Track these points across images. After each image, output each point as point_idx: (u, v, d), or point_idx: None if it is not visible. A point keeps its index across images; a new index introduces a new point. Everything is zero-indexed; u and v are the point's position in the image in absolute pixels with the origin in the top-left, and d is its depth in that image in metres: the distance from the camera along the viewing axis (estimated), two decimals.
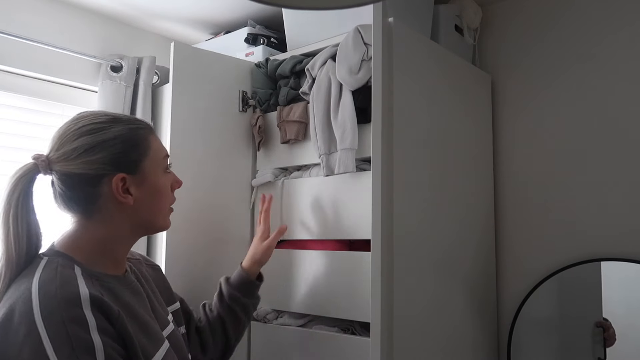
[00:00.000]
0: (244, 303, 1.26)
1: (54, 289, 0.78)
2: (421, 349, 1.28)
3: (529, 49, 1.65)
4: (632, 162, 1.45)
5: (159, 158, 0.97)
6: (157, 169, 0.97)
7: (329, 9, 0.56)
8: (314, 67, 1.41)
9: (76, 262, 0.87)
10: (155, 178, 0.96)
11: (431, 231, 1.35)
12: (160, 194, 0.97)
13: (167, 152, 1.01)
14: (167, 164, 1.00)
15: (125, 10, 1.80)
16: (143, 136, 0.95)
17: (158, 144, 0.99)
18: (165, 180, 0.99)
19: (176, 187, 1.02)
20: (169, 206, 1.01)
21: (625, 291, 1.41)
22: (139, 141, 0.93)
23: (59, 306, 0.76)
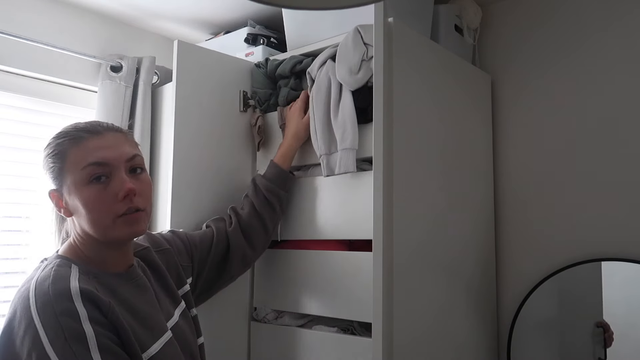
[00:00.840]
0: (280, 195, 1.36)
1: (47, 285, 0.84)
2: (421, 349, 1.28)
3: (529, 49, 1.65)
4: (632, 162, 1.45)
5: (77, 170, 0.92)
6: (78, 180, 0.92)
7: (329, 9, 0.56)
8: (313, 68, 1.41)
9: (74, 262, 0.92)
10: (78, 190, 0.92)
11: (431, 231, 1.35)
12: (86, 205, 0.91)
13: (95, 160, 0.92)
14: (91, 175, 0.92)
15: (125, 10, 1.80)
16: (63, 149, 0.94)
17: (78, 154, 0.93)
18: (89, 191, 0.91)
19: (121, 194, 0.92)
20: (111, 216, 0.92)
21: (625, 291, 1.41)
22: (58, 154, 0.95)
23: (51, 301, 0.82)
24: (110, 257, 0.97)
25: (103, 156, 0.93)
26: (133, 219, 0.94)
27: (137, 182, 0.96)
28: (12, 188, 1.63)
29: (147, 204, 0.97)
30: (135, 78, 1.79)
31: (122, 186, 0.92)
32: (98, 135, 0.95)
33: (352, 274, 1.30)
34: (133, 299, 0.94)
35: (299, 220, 1.44)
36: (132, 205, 0.93)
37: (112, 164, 0.93)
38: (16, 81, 1.64)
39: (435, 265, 1.35)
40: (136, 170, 0.98)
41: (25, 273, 1.65)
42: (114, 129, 0.99)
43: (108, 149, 0.94)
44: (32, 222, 1.67)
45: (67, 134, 0.95)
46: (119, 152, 0.95)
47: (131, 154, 0.96)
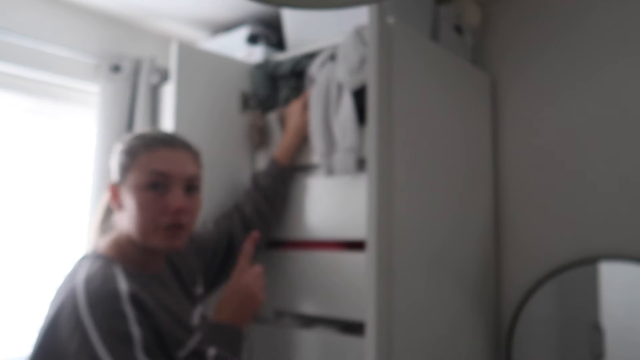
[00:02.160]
0: (280, 192, 1.39)
1: (96, 286, 0.88)
2: (420, 350, 1.28)
3: (529, 49, 1.65)
4: (632, 162, 1.45)
5: (142, 172, 0.98)
6: (139, 182, 0.97)
7: (329, 9, 0.56)
8: (314, 69, 1.41)
9: (116, 263, 0.96)
10: (136, 191, 0.97)
11: (431, 232, 1.35)
12: (138, 208, 0.97)
13: (160, 169, 0.98)
14: (151, 182, 0.97)
15: (125, 10, 1.80)
16: (135, 150, 1.00)
17: (147, 159, 0.98)
18: (145, 195, 0.97)
19: (172, 209, 0.97)
20: (155, 224, 0.97)
21: (625, 291, 1.41)
22: (129, 154, 1.00)
23: (101, 301, 0.86)
24: (147, 259, 1.02)
25: (168, 168, 0.98)
26: (174, 234, 0.99)
27: (190, 201, 1.01)
28: (12, 188, 1.63)
29: (191, 222, 1.02)
30: (135, 78, 1.79)
31: (175, 201, 0.97)
32: (171, 148, 1.01)
33: (352, 274, 1.30)
34: (167, 301, 1.00)
35: (298, 221, 1.44)
36: (177, 221, 0.98)
37: (173, 177, 0.99)
38: (16, 81, 1.64)
39: (435, 266, 1.35)
40: (192, 190, 1.03)
41: (23, 274, 1.65)
42: (186, 147, 1.04)
43: (174, 163, 1.00)
44: (32, 222, 1.67)
45: (143, 138, 1.01)
46: (183, 169, 1.00)
47: (192, 174, 1.02)
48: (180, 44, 1.41)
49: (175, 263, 1.14)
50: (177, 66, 1.39)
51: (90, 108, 1.79)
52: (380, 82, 1.20)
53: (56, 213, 1.73)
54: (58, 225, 1.73)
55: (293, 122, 1.40)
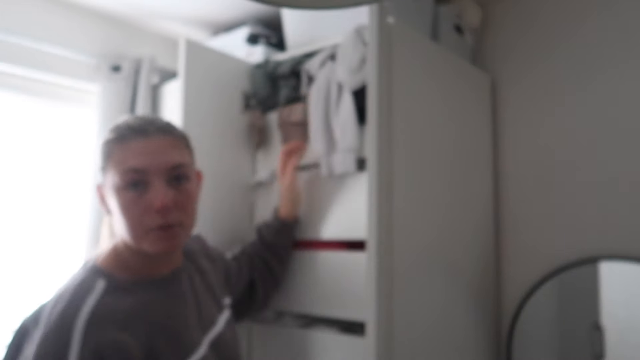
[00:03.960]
0: (285, 247, 1.34)
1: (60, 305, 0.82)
2: (420, 350, 1.28)
3: (529, 49, 1.65)
4: (632, 162, 1.45)
5: (117, 172, 0.86)
6: (117, 182, 0.86)
7: (329, 9, 0.56)
8: (312, 67, 1.41)
9: (104, 276, 0.87)
10: (116, 193, 0.87)
11: (431, 232, 1.35)
12: (121, 211, 0.86)
13: (133, 166, 0.86)
14: (127, 181, 0.86)
15: (126, 10, 1.80)
16: (109, 146, 0.89)
17: (120, 156, 0.86)
18: (125, 197, 0.86)
19: (155, 208, 0.85)
20: (144, 228, 0.86)
21: (625, 291, 1.41)
22: (104, 151, 0.90)
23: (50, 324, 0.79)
24: (150, 263, 0.92)
25: (142, 163, 0.85)
26: (166, 235, 0.87)
27: (177, 194, 0.88)
28: (12, 188, 1.63)
29: (185, 217, 0.89)
30: (135, 78, 1.79)
31: (157, 199, 0.85)
32: (144, 137, 0.87)
33: (353, 274, 1.30)
34: (165, 314, 0.89)
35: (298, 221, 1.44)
36: (165, 221, 0.86)
37: (150, 171, 0.86)
38: (16, 81, 1.64)
39: (435, 265, 1.35)
40: (179, 180, 0.89)
41: (24, 273, 1.65)
42: (163, 131, 0.90)
43: (149, 155, 0.86)
44: (32, 222, 1.67)
45: (116, 130, 0.89)
46: (161, 159, 0.87)
47: (174, 163, 0.88)
48: (187, 40, 1.41)
49: (202, 266, 1.06)
50: (184, 63, 1.39)
51: (90, 108, 1.79)
52: (380, 82, 1.20)
53: (55, 213, 1.73)
54: (57, 225, 1.73)
55: (282, 181, 1.36)
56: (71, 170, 1.76)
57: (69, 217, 1.75)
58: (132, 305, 0.85)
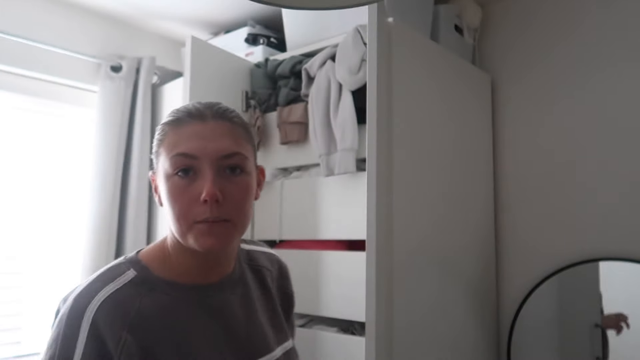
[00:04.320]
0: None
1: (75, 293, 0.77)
2: (420, 349, 1.28)
3: (529, 49, 1.65)
4: (632, 162, 1.45)
5: (168, 156, 0.78)
6: (167, 168, 0.78)
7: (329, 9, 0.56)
8: (312, 67, 1.41)
9: (136, 267, 0.80)
10: (165, 179, 0.79)
11: (431, 231, 1.35)
12: (168, 200, 0.78)
13: (183, 151, 0.78)
14: (177, 167, 0.78)
15: (125, 10, 1.80)
16: (164, 130, 0.81)
17: (173, 139, 0.79)
18: (173, 184, 0.78)
19: (202, 198, 0.76)
20: (189, 219, 0.77)
21: (624, 291, 1.41)
22: (160, 135, 0.82)
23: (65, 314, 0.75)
24: (197, 265, 0.82)
25: (193, 147, 0.77)
26: (211, 229, 0.77)
27: (229, 185, 0.78)
28: (12, 187, 1.62)
29: (236, 214, 0.79)
30: (135, 78, 1.79)
31: (204, 188, 0.76)
32: (200, 121, 0.80)
33: (352, 274, 1.30)
34: (190, 327, 0.78)
35: (298, 220, 1.44)
36: (212, 214, 0.76)
37: (201, 158, 0.77)
38: (16, 81, 1.64)
39: (435, 265, 1.35)
40: (235, 171, 0.79)
41: (24, 274, 1.65)
42: (221, 117, 0.82)
43: (203, 139, 0.78)
44: (32, 221, 1.67)
45: (174, 114, 0.82)
46: (215, 145, 0.78)
47: (229, 151, 0.79)
48: (193, 37, 1.41)
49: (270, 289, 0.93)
50: (190, 59, 1.40)
51: (90, 108, 1.79)
52: (379, 82, 1.20)
53: (56, 213, 1.73)
54: (57, 225, 1.73)
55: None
56: (71, 170, 1.76)
57: (69, 217, 1.75)
58: (152, 306, 0.77)
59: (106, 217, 1.68)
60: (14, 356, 1.60)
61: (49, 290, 1.67)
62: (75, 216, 1.75)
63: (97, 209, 1.67)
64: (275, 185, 1.51)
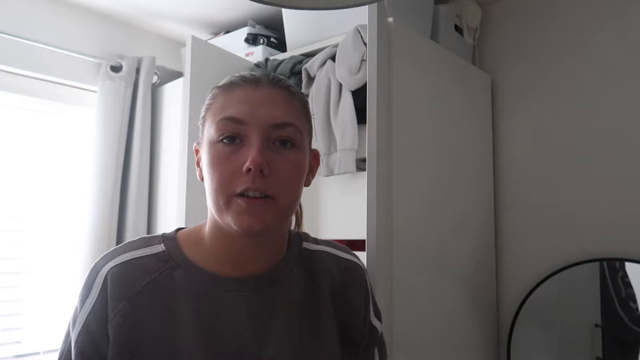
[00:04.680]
0: None
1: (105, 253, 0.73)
2: (420, 349, 1.28)
3: (529, 49, 1.65)
4: (631, 163, 1.45)
5: (214, 120, 0.70)
6: (212, 134, 0.70)
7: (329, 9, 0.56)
8: (312, 67, 1.41)
9: (169, 242, 0.74)
10: (208, 145, 0.71)
11: (430, 231, 1.35)
12: (209, 167, 0.69)
13: (231, 115, 0.70)
14: (222, 132, 0.69)
15: (125, 10, 1.80)
16: (215, 94, 0.74)
17: (222, 103, 0.72)
18: (216, 150, 0.69)
19: (246, 167, 0.66)
20: (228, 191, 0.67)
21: (625, 291, 1.41)
22: (209, 101, 0.75)
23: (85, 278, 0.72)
24: (228, 253, 0.72)
25: (242, 112, 0.69)
26: (250, 206, 0.66)
27: (278, 159, 0.69)
28: (12, 187, 1.63)
29: (281, 191, 0.69)
30: (135, 78, 1.79)
31: (250, 157, 0.66)
32: (253, 86, 0.72)
33: None
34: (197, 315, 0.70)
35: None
36: (254, 186, 0.66)
37: (250, 123, 0.68)
38: (16, 81, 1.64)
39: (435, 265, 1.35)
40: (285, 144, 0.70)
41: (24, 273, 1.65)
42: (279, 85, 0.74)
43: (253, 104, 0.70)
44: (32, 221, 1.67)
45: (229, 78, 0.76)
46: (265, 111, 0.69)
47: (281, 120, 0.70)
48: (193, 37, 1.41)
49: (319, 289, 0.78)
50: (190, 59, 1.40)
51: (90, 108, 1.79)
52: (379, 81, 1.20)
53: (55, 212, 1.73)
54: (57, 225, 1.73)
55: None
56: (71, 170, 1.76)
57: (69, 217, 1.75)
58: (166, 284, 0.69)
59: (106, 217, 1.68)
60: (14, 356, 1.60)
61: (49, 290, 1.67)
62: (75, 216, 1.75)
63: (97, 209, 1.67)
64: None
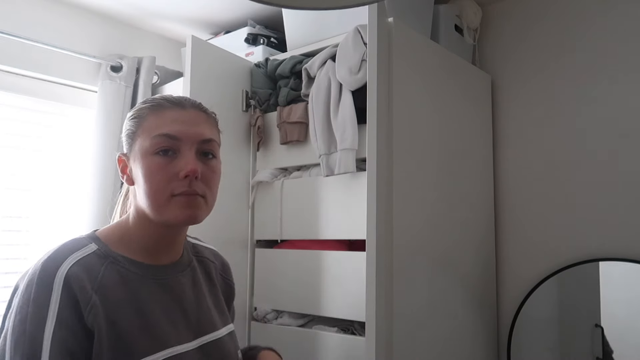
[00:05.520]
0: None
1: (41, 262, 0.80)
2: (420, 349, 1.28)
3: (529, 49, 1.65)
4: (631, 163, 1.45)
5: (148, 137, 0.86)
6: (146, 147, 0.85)
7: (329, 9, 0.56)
8: (312, 67, 1.41)
9: (97, 242, 0.86)
10: (143, 158, 0.86)
11: (431, 231, 1.35)
12: (145, 176, 0.85)
13: (167, 132, 0.85)
14: (159, 146, 0.85)
15: (125, 10, 1.80)
16: (142, 113, 0.89)
17: (154, 122, 0.87)
18: (152, 161, 0.85)
19: (182, 173, 0.84)
20: (167, 193, 0.84)
21: (624, 291, 1.41)
22: (136, 118, 0.89)
23: (33, 282, 0.78)
24: (154, 245, 0.90)
25: (176, 130, 0.86)
26: (189, 202, 0.85)
27: (204, 167, 0.87)
28: (12, 187, 1.63)
29: (208, 192, 0.88)
30: (135, 78, 1.79)
31: (187, 165, 0.84)
32: (180, 108, 0.89)
33: (352, 274, 1.30)
34: (150, 302, 0.86)
35: (298, 220, 1.44)
36: (190, 189, 0.85)
37: (183, 139, 0.86)
38: (16, 81, 1.64)
39: (435, 265, 1.35)
40: (207, 155, 0.89)
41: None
42: (199, 108, 0.92)
43: (184, 123, 0.87)
44: (32, 221, 1.67)
45: (152, 101, 0.91)
46: (195, 130, 0.88)
47: (206, 137, 0.89)
48: (193, 37, 1.41)
49: (213, 276, 1.02)
50: (190, 59, 1.40)
51: (90, 108, 1.79)
52: (379, 81, 1.20)
53: (55, 212, 1.73)
54: (58, 225, 1.73)
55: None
56: (71, 170, 1.76)
57: (69, 217, 1.75)
58: (115, 277, 0.83)
59: (106, 217, 1.68)
60: None
61: None
62: (75, 216, 1.75)
63: (96, 209, 1.67)
64: (275, 185, 1.51)
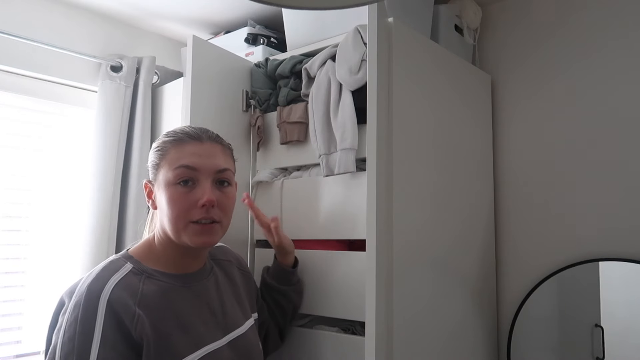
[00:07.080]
0: (282, 291, 1.31)
1: (87, 284, 0.89)
2: (420, 349, 1.28)
3: (529, 49, 1.65)
4: (631, 162, 1.45)
5: (170, 168, 0.98)
6: (168, 178, 0.98)
7: (329, 9, 0.56)
8: (312, 67, 1.41)
9: (131, 261, 0.97)
10: (165, 187, 0.98)
11: (430, 231, 1.35)
12: (167, 204, 0.97)
13: (187, 164, 0.97)
14: (179, 177, 0.97)
15: (126, 10, 1.80)
16: (165, 146, 1.01)
17: (175, 155, 0.99)
18: (174, 191, 0.97)
19: (200, 203, 0.96)
20: (186, 220, 0.97)
21: (624, 291, 1.41)
22: (160, 151, 1.01)
23: (80, 303, 0.87)
24: (179, 259, 1.01)
25: (195, 162, 0.98)
26: (206, 229, 0.98)
27: (221, 195, 1.00)
28: (12, 188, 1.63)
29: (224, 217, 1.01)
30: (135, 78, 1.79)
31: (204, 195, 0.96)
32: (198, 142, 1.01)
33: (352, 273, 1.30)
34: (185, 307, 0.97)
35: (299, 220, 1.44)
36: (207, 216, 0.97)
37: (201, 170, 0.98)
38: (16, 81, 1.64)
39: (435, 265, 1.35)
40: (223, 183, 1.02)
41: (25, 273, 1.65)
42: (215, 140, 1.04)
43: (202, 156, 0.99)
44: (32, 221, 1.67)
45: (173, 135, 1.02)
46: (211, 162, 1.00)
47: (222, 167, 1.01)
48: (194, 37, 1.41)
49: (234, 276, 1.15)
50: (191, 58, 1.40)
51: (90, 108, 1.79)
52: (379, 81, 1.20)
53: (55, 212, 1.73)
54: (58, 224, 1.73)
55: (271, 240, 1.34)
56: (71, 170, 1.76)
57: (69, 217, 1.75)
58: (152, 289, 0.93)
59: (106, 217, 1.68)
60: (15, 355, 1.60)
61: (49, 290, 1.67)
62: (75, 216, 1.75)
63: (96, 209, 1.67)
64: (275, 185, 1.51)
